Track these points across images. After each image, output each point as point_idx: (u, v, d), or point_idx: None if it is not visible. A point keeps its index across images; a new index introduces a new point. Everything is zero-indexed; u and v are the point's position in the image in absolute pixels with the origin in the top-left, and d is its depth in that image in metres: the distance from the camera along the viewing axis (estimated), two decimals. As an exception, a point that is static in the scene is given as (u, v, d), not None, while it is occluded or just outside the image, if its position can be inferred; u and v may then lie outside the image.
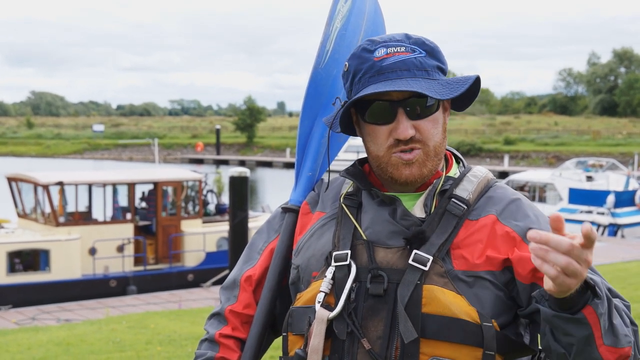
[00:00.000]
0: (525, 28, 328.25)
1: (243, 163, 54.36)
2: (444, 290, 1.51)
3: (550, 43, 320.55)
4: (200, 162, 57.61)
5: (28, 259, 15.41)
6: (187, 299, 14.22)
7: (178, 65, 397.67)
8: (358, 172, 1.69)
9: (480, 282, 1.53)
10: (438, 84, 1.56)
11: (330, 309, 1.55)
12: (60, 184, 15.86)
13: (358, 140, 1.74)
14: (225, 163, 55.34)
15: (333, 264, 1.58)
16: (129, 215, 16.83)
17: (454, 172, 1.68)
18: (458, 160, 1.72)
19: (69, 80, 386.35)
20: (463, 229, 1.57)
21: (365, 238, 1.60)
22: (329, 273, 1.58)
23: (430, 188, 1.62)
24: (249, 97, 75.52)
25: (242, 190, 13.53)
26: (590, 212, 24.58)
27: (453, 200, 1.60)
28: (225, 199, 17.96)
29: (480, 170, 1.68)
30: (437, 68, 1.61)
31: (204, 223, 17.49)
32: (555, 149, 56.70)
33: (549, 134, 65.61)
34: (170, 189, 17.20)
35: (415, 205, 1.62)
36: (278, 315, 1.74)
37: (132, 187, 16.96)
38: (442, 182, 1.62)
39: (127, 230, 16.42)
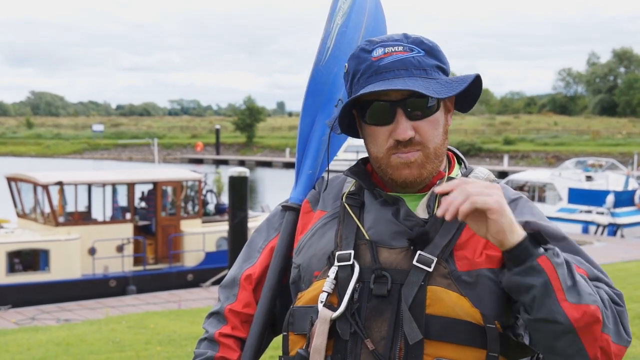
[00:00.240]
0: (525, 27, 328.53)
1: (243, 163, 54.34)
2: (448, 292, 1.51)
3: (550, 43, 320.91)
4: (200, 162, 57.59)
5: (28, 259, 15.41)
6: (186, 299, 14.22)
7: (178, 65, 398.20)
8: (361, 171, 1.69)
9: (482, 280, 1.53)
10: (437, 83, 1.55)
11: (333, 309, 1.54)
12: (60, 184, 15.86)
13: (358, 140, 1.73)
14: (225, 163, 55.32)
15: (336, 264, 1.58)
16: (129, 215, 16.83)
17: (456, 173, 1.68)
18: (460, 161, 1.71)
19: (69, 80, 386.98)
20: (465, 230, 1.56)
21: (368, 238, 1.59)
22: (332, 273, 1.57)
23: (434, 189, 1.61)
24: (249, 97, 75.43)
25: (241, 190, 13.51)
26: (590, 212, 24.57)
27: None
28: (225, 199, 17.96)
29: (482, 172, 1.67)
30: (436, 67, 1.59)
31: (204, 223, 17.49)
32: (555, 149, 56.70)
33: (549, 134, 65.62)
34: (170, 189, 17.20)
35: (418, 206, 1.61)
36: (278, 314, 1.73)
37: (131, 187, 16.97)
38: (444, 182, 1.61)
39: (126, 230, 16.41)
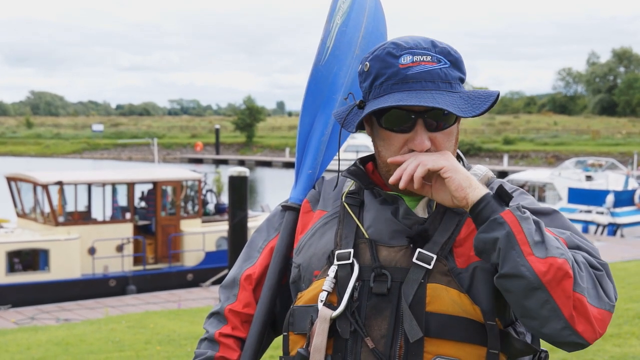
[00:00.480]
0: (525, 28, 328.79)
1: (242, 163, 54.34)
2: (448, 289, 1.51)
3: (550, 43, 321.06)
4: (200, 161, 57.55)
5: (27, 259, 15.40)
6: (186, 299, 14.21)
7: (177, 65, 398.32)
8: (360, 171, 1.69)
9: (477, 273, 1.52)
10: (460, 99, 1.55)
11: (333, 308, 1.54)
12: (60, 184, 15.85)
13: (358, 140, 1.74)
14: (225, 163, 55.29)
15: (336, 263, 1.58)
16: (129, 215, 16.81)
17: None
18: (459, 159, 1.71)
19: (69, 80, 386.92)
20: (465, 227, 1.57)
21: (368, 237, 1.59)
22: (332, 272, 1.57)
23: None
24: (249, 96, 75.39)
25: (241, 190, 13.51)
26: (590, 211, 24.56)
27: None
28: (225, 199, 17.96)
29: (481, 169, 1.67)
30: (459, 79, 1.60)
31: (204, 223, 17.48)
32: (555, 149, 56.69)
33: (548, 134, 65.60)
34: (170, 189, 17.19)
35: (418, 205, 1.62)
36: (278, 314, 1.73)
37: (131, 186, 16.96)
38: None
39: (126, 230, 16.41)
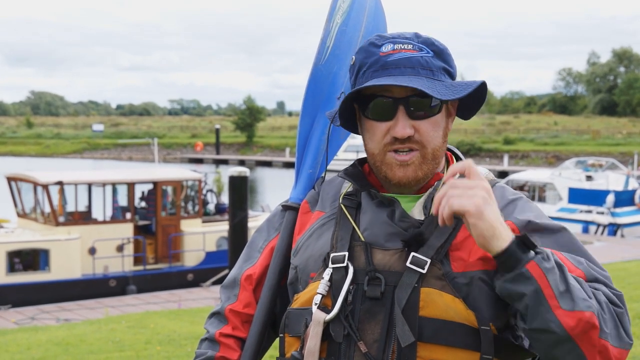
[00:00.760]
0: (525, 28, 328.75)
1: (243, 163, 54.37)
2: (442, 293, 1.48)
3: (550, 43, 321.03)
4: (200, 161, 57.58)
5: (28, 259, 15.41)
6: (186, 299, 14.22)
7: (177, 65, 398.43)
8: (357, 172, 1.67)
9: (476, 282, 1.50)
10: (442, 85, 1.54)
11: (327, 311, 1.53)
12: (60, 184, 15.86)
13: (358, 140, 1.74)
14: (225, 163, 55.32)
15: (330, 266, 1.57)
16: (129, 215, 16.82)
17: None
18: (458, 160, 1.70)
19: (69, 80, 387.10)
20: (462, 231, 1.54)
21: (363, 239, 1.58)
22: (326, 275, 1.56)
23: (431, 190, 1.60)
24: (249, 96, 75.37)
25: (241, 190, 13.52)
26: (590, 211, 24.56)
27: None
28: (225, 199, 17.96)
29: (481, 171, 1.64)
30: (443, 70, 1.58)
31: (204, 223, 17.49)
32: (555, 149, 56.69)
33: (549, 134, 65.60)
34: (170, 189, 17.20)
35: (415, 207, 1.60)
36: (279, 314, 1.72)
37: (131, 186, 16.96)
38: (442, 183, 1.58)
39: (126, 230, 16.41)
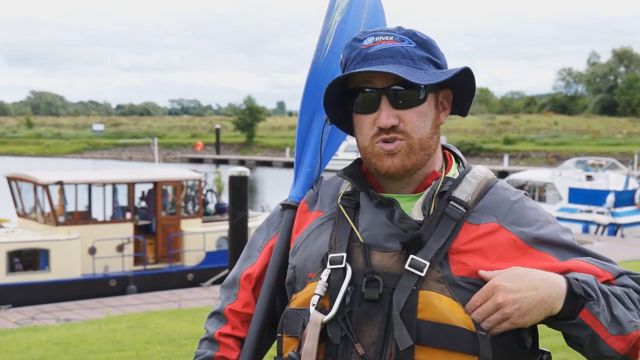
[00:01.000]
0: (525, 28, 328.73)
1: (243, 162, 54.34)
2: (440, 297, 1.47)
3: (550, 43, 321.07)
4: (200, 161, 57.56)
5: (28, 259, 15.41)
6: (186, 299, 14.22)
7: (178, 65, 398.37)
8: (356, 172, 1.66)
9: (476, 287, 1.49)
10: (423, 73, 1.54)
11: (325, 312, 1.52)
12: (60, 184, 15.86)
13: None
14: (225, 162, 55.30)
15: (328, 267, 1.55)
16: (129, 215, 16.82)
17: (453, 172, 1.64)
18: (458, 160, 1.68)
19: (69, 80, 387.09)
20: (463, 233, 1.53)
21: (362, 241, 1.56)
22: (324, 275, 1.55)
23: (429, 190, 1.58)
24: (249, 96, 75.31)
25: (241, 190, 13.51)
26: (590, 211, 24.56)
27: (451, 203, 1.55)
28: (225, 199, 17.95)
29: (480, 170, 1.63)
30: (427, 59, 1.57)
31: (204, 222, 17.49)
32: (555, 149, 56.68)
33: (549, 134, 65.60)
34: (170, 189, 17.20)
35: (413, 208, 1.58)
36: (278, 314, 1.71)
37: (131, 186, 16.96)
38: (440, 183, 1.58)
39: (126, 230, 16.41)
